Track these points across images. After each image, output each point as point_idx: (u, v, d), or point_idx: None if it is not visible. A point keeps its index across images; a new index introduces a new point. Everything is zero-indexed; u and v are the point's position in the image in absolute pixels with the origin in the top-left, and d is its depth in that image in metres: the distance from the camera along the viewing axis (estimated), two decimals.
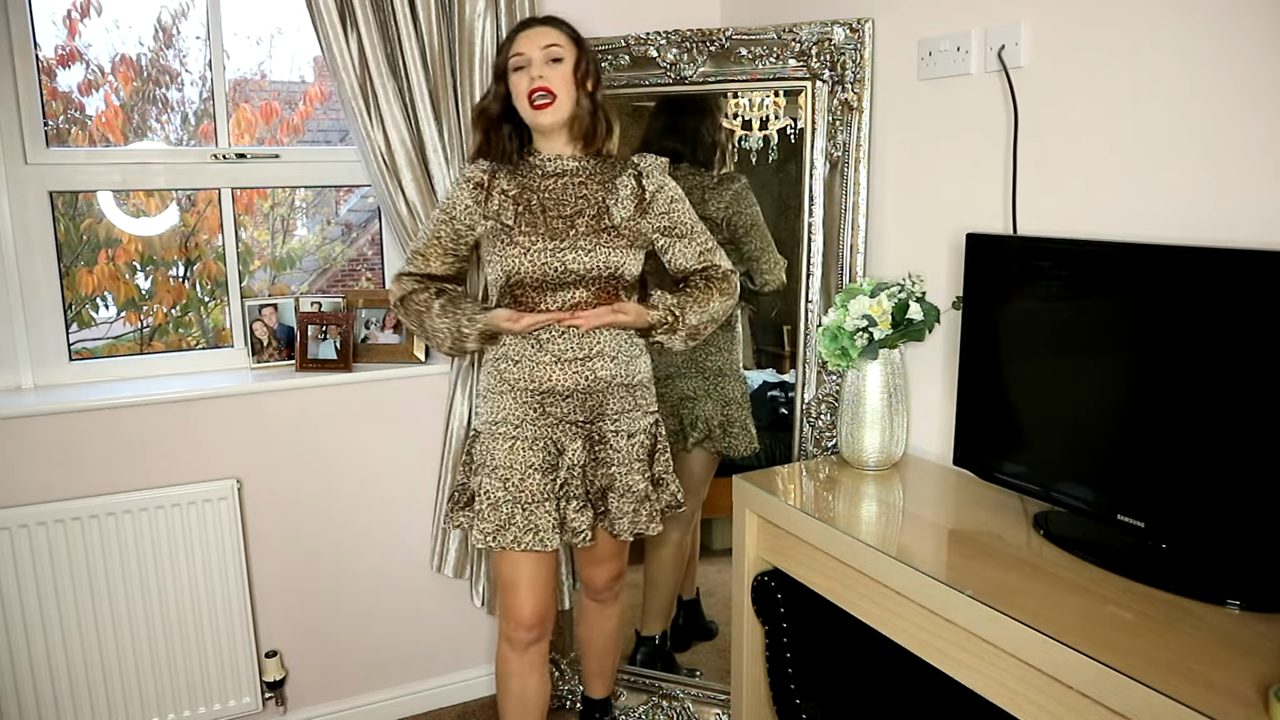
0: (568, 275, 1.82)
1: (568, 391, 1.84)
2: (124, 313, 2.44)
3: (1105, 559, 1.43)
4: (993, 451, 1.71)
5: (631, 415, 1.91)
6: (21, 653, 2.03)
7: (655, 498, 1.94)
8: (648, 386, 1.96)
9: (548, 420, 1.85)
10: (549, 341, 1.84)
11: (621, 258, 1.84)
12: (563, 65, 1.81)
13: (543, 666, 2.01)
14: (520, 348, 1.85)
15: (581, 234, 1.82)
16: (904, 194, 2.02)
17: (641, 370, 1.93)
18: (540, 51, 1.80)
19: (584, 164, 1.88)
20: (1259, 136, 1.36)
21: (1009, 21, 1.72)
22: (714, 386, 2.32)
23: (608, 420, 1.88)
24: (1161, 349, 1.40)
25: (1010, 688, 1.31)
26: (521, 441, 1.85)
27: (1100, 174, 1.60)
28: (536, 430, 1.85)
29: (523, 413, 1.85)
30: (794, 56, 2.07)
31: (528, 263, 1.81)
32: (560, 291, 1.83)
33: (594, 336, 1.85)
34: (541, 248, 1.81)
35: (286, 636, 2.35)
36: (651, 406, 1.97)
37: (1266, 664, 1.13)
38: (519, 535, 1.82)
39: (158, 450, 2.14)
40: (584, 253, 1.82)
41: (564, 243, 1.81)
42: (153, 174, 2.22)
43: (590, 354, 1.84)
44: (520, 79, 1.81)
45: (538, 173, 1.88)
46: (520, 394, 1.85)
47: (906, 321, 1.83)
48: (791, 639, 1.84)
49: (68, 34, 2.21)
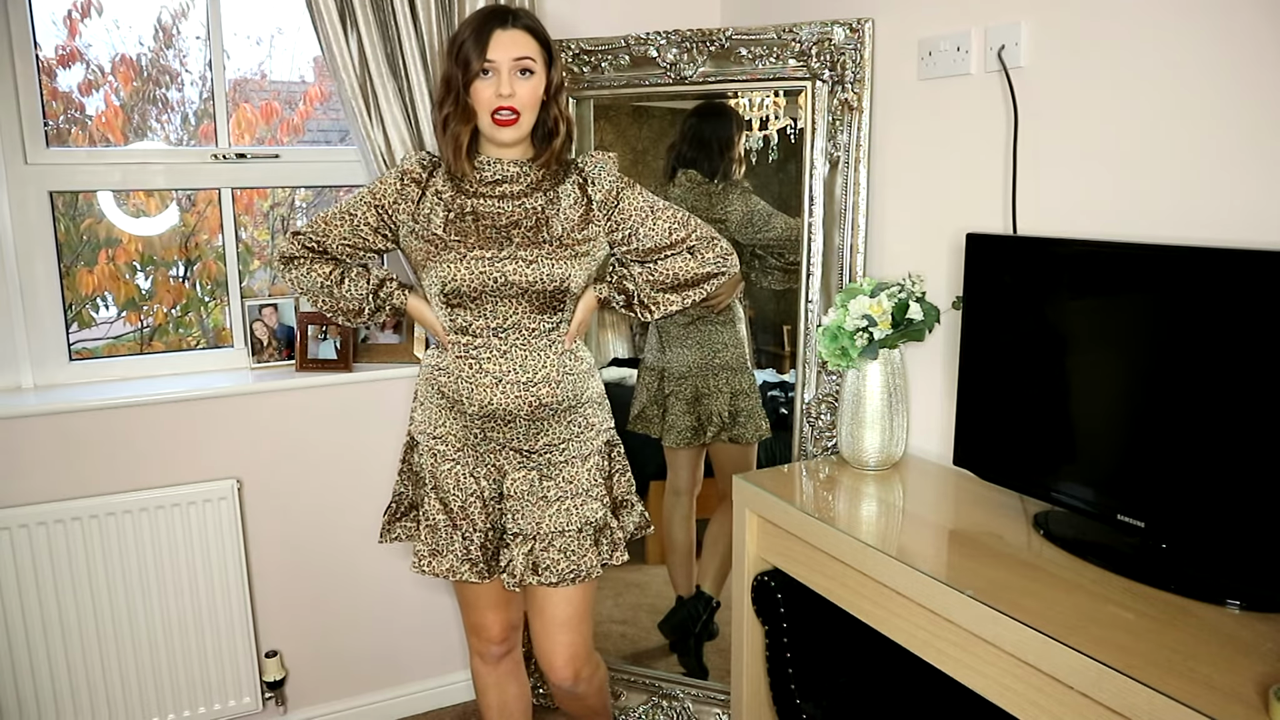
0: (508, 287, 1.66)
1: (510, 416, 1.69)
2: (124, 313, 2.44)
3: (1105, 559, 1.43)
4: (993, 451, 1.71)
5: (583, 438, 1.76)
6: (21, 653, 2.03)
7: (617, 525, 1.80)
8: (599, 404, 1.81)
9: (490, 445, 1.72)
10: (488, 361, 1.69)
11: (566, 269, 1.69)
12: (532, 80, 1.66)
13: (518, 672, 1.99)
14: (459, 366, 1.71)
15: (519, 245, 1.67)
16: (904, 194, 2.02)
17: (589, 387, 1.79)
18: (511, 63, 1.63)
19: (524, 169, 1.73)
20: (1259, 136, 1.36)
21: (1009, 22, 1.72)
22: (724, 382, 2.33)
23: (556, 450, 1.73)
24: (1162, 349, 1.40)
25: (1010, 688, 1.31)
26: (463, 466, 1.73)
27: (1100, 174, 1.59)
28: (479, 455, 1.72)
29: (464, 435, 1.72)
30: (794, 56, 2.07)
31: (464, 271, 1.66)
32: (500, 304, 1.68)
33: (539, 358, 1.70)
34: (479, 256, 1.66)
35: (286, 636, 2.35)
36: (605, 424, 1.82)
37: (1266, 664, 1.13)
38: (455, 565, 1.72)
39: (158, 450, 2.14)
40: (524, 264, 1.66)
41: (502, 252, 1.67)
42: (153, 174, 2.22)
43: (534, 378, 1.69)
44: (484, 88, 1.64)
45: (475, 177, 1.72)
46: (460, 415, 1.72)
47: (906, 321, 1.83)
48: (791, 639, 1.84)
49: (68, 34, 2.21)
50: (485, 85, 1.64)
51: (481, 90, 1.65)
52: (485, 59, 1.63)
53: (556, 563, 1.71)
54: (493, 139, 1.70)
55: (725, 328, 2.31)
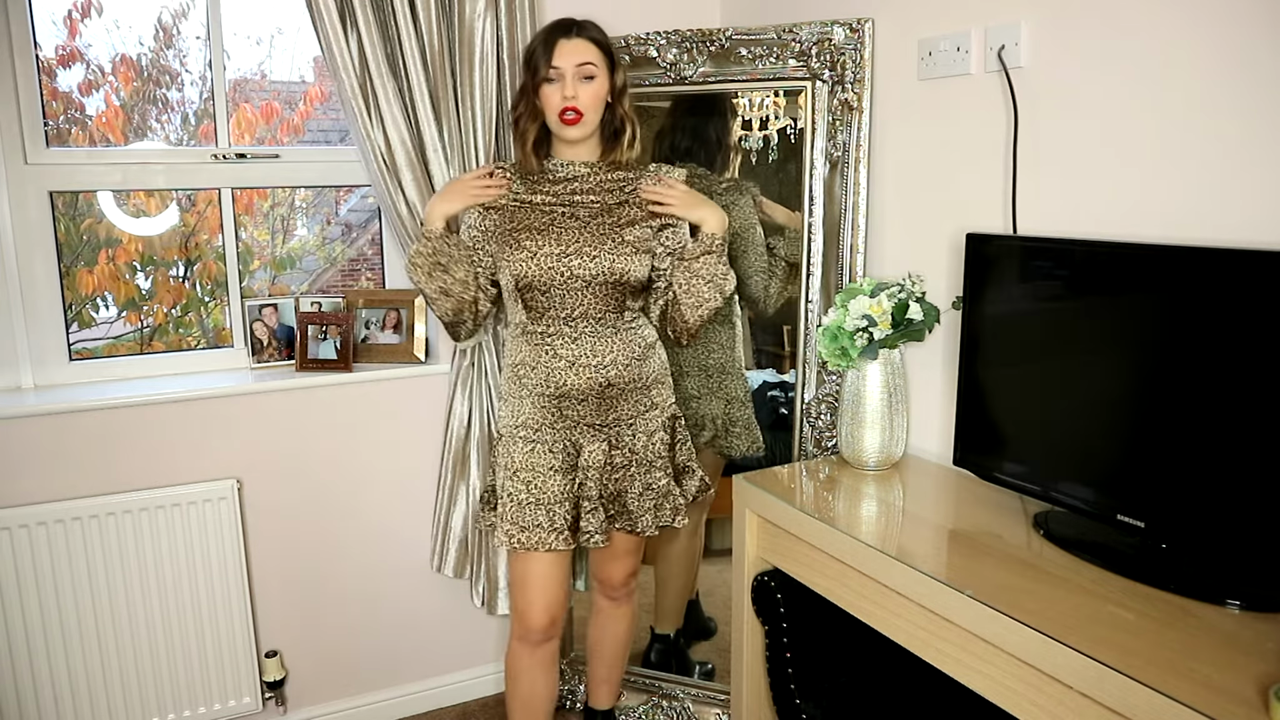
0: (574, 280, 1.82)
1: (582, 394, 1.85)
2: (124, 313, 2.44)
3: (1105, 559, 1.43)
4: (993, 451, 1.71)
5: (648, 416, 1.92)
6: (21, 653, 2.03)
7: (680, 490, 1.96)
8: (662, 383, 1.96)
9: (566, 423, 1.87)
10: (562, 348, 1.85)
11: (626, 264, 1.84)
12: (595, 83, 1.82)
13: (552, 665, 2.02)
14: (536, 354, 1.87)
15: (587, 240, 1.83)
16: (904, 194, 2.02)
17: (654, 369, 1.94)
18: (575, 68, 1.79)
19: (594, 169, 1.89)
20: (1260, 136, 1.36)
21: (1009, 21, 1.72)
22: (717, 385, 2.32)
23: (624, 425, 1.89)
24: (1162, 349, 1.40)
25: (1010, 688, 1.31)
26: (541, 445, 1.87)
27: (1100, 174, 1.59)
28: (555, 433, 1.87)
29: (541, 416, 1.87)
30: (794, 56, 2.07)
31: (534, 267, 1.82)
32: (568, 295, 1.83)
33: (607, 344, 1.86)
34: (548, 252, 1.82)
35: (286, 636, 2.35)
36: (668, 402, 1.98)
37: (1266, 664, 1.13)
38: (544, 536, 1.84)
39: (158, 450, 2.14)
40: (589, 259, 1.82)
41: (569, 248, 1.82)
42: (153, 174, 2.22)
43: (603, 361, 1.85)
44: (552, 92, 1.81)
45: (548, 177, 1.89)
46: (538, 398, 1.87)
47: (906, 321, 1.83)
48: (791, 639, 1.84)
49: (68, 34, 2.21)
50: (552, 90, 1.81)
51: (550, 94, 1.82)
52: (551, 66, 1.80)
53: (634, 514, 1.91)
54: (560, 136, 1.86)
55: (719, 328, 2.30)
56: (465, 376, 2.28)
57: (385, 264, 2.51)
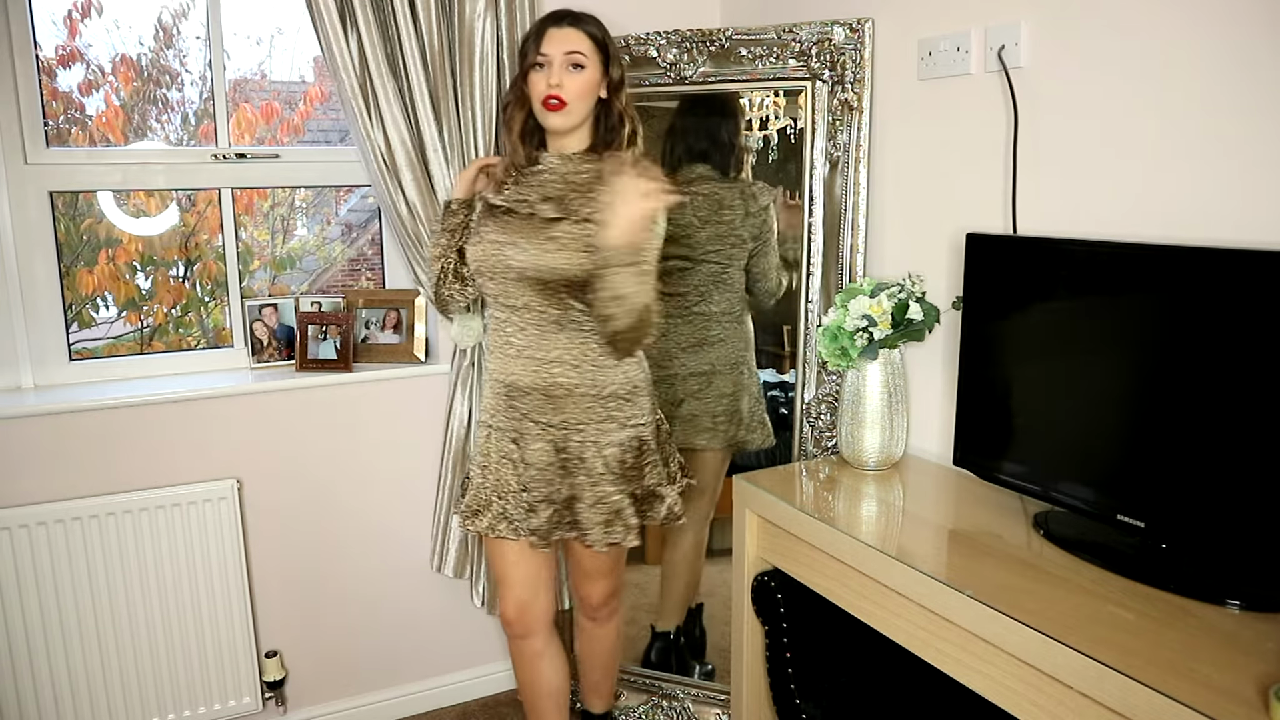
0: (509, 271, 1.77)
1: (527, 388, 1.82)
2: (124, 313, 2.44)
3: (1105, 559, 1.43)
4: (993, 451, 1.71)
5: (601, 427, 1.81)
6: (21, 653, 2.03)
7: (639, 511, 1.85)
8: (626, 399, 1.83)
9: (514, 414, 1.85)
10: (514, 335, 1.82)
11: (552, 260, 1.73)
12: (583, 73, 1.76)
13: (545, 659, 2.01)
14: (494, 339, 1.88)
15: (525, 232, 1.76)
16: (904, 194, 2.02)
17: (614, 381, 1.82)
18: (563, 56, 1.75)
19: (567, 160, 1.82)
20: (1260, 135, 1.36)
21: (1009, 21, 1.72)
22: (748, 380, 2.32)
23: (572, 429, 1.81)
24: (1162, 349, 1.40)
25: (1010, 688, 1.31)
26: (496, 432, 1.88)
27: (1100, 174, 1.59)
28: (507, 422, 1.86)
29: (496, 404, 1.88)
30: (794, 56, 2.07)
31: (479, 253, 1.82)
32: (510, 286, 1.79)
33: (552, 340, 1.79)
34: (494, 240, 1.80)
35: (286, 636, 2.35)
36: (634, 419, 1.84)
37: (1266, 664, 1.13)
38: (493, 522, 1.84)
39: (158, 450, 2.14)
40: (520, 250, 1.76)
41: (508, 239, 1.78)
42: (153, 174, 2.22)
43: (548, 357, 1.79)
44: (538, 79, 1.77)
45: (531, 169, 1.85)
46: (495, 384, 1.88)
47: (906, 321, 1.83)
48: (791, 639, 1.84)
49: (68, 34, 2.21)
50: (539, 77, 1.78)
51: (536, 81, 1.78)
52: (539, 53, 1.77)
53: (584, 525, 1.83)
54: (544, 124, 1.82)
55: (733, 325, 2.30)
56: (465, 376, 2.28)
57: (385, 264, 2.51)
